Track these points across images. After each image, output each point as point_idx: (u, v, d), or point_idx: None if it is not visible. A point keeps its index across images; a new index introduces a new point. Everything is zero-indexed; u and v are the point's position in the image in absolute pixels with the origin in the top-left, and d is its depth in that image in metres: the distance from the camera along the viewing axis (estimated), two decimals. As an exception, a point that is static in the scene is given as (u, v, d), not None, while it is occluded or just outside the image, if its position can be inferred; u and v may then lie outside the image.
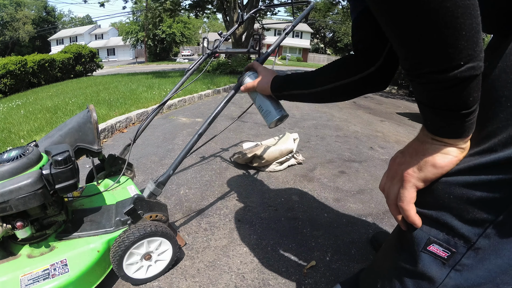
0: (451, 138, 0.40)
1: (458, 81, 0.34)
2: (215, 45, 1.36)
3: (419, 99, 0.40)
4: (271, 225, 1.33)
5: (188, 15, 11.68)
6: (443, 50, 0.32)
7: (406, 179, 0.45)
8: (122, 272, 0.89)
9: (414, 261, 0.48)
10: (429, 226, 0.45)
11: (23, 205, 0.73)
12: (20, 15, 35.96)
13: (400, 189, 0.46)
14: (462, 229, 0.42)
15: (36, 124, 2.75)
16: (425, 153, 0.43)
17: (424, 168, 0.43)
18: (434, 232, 0.45)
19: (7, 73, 7.98)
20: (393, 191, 0.48)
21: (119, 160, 1.26)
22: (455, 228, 0.43)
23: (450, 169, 0.42)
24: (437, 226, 0.44)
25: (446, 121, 0.39)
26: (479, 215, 0.40)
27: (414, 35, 0.33)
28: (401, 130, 3.41)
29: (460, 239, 0.43)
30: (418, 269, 0.47)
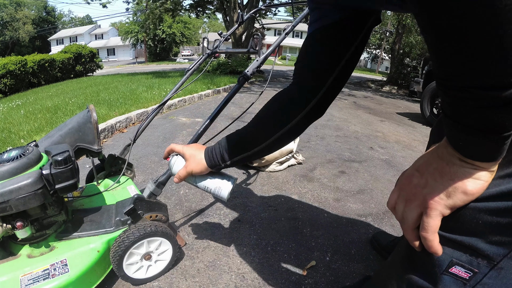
0: (485, 161, 0.36)
1: (510, 101, 0.29)
2: (215, 45, 1.36)
3: (452, 116, 0.35)
4: (271, 225, 1.33)
5: (189, 15, 11.68)
6: (502, 62, 0.27)
7: (431, 206, 0.40)
8: (122, 272, 0.89)
9: (433, 281, 0.45)
10: (452, 248, 0.42)
11: (23, 205, 0.73)
12: (20, 15, 35.96)
13: (423, 217, 0.41)
14: (487, 250, 0.40)
15: (36, 124, 2.75)
16: (454, 177, 0.38)
17: (453, 195, 0.38)
18: (457, 255, 0.41)
19: (7, 73, 7.99)
20: (411, 216, 0.43)
21: (119, 160, 1.26)
22: (479, 250, 0.40)
23: (480, 194, 0.38)
24: (461, 248, 0.41)
25: (484, 143, 0.34)
26: (506, 238, 0.38)
27: (471, 41, 0.28)
28: (401, 130, 3.41)
29: (483, 259, 0.40)
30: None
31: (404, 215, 0.44)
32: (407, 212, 0.44)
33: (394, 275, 0.55)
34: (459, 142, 0.36)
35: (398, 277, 0.52)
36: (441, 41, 0.30)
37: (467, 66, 0.29)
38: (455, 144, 0.37)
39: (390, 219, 1.45)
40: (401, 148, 2.61)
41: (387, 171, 2.05)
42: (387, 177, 1.97)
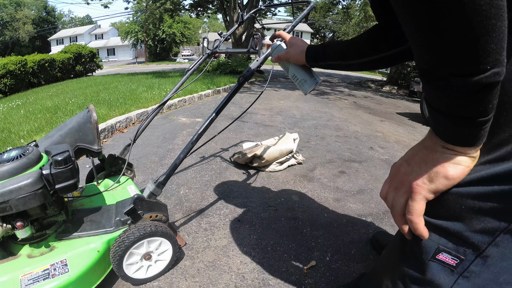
0: (464, 146, 0.38)
1: (481, 87, 0.32)
2: (215, 45, 1.36)
3: (432, 105, 0.38)
4: (271, 225, 1.33)
5: (189, 15, 11.69)
6: (471, 52, 0.30)
7: (415, 191, 0.42)
8: (122, 272, 0.89)
9: (422, 269, 0.47)
10: (439, 235, 0.44)
11: (23, 205, 0.73)
12: (20, 15, 35.97)
13: (408, 201, 0.44)
14: (472, 238, 0.41)
15: (36, 124, 2.75)
16: (436, 163, 0.40)
17: (435, 179, 0.41)
18: (443, 241, 0.44)
19: (7, 73, 7.98)
20: (399, 202, 0.46)
21: (119, 160, 1.26)
22: (465, 237, 0.42)
23: (461, 179, 0.40)
24: (447, 235, 0.43)
25: (462, 128, 0.37)
26: (490, 224, 0.39)
27: (441, 32, 0.31)
28: (401, 130, 3.41)
29: (469, 247, 0.42)
30: (426, 277, 0.47)
31: (393, 202, 0.47)
32: (396, 199, 0.46)
33: (388, 268, 0.56)
34: (439, 128, 0.39)
35: (392, 269, 0.54)
36: (417, 35, 0.33)
37: (440, 56, 0.32)
38: (437, 131, 0.40)
39: (390, 219, 1.45)
40: (401, 148, 2.61)
41: (387, 171, 2.05)
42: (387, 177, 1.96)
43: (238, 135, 2.62)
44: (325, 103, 4.85)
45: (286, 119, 3.41)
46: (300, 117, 3.59)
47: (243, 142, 2.31)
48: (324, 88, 7.34)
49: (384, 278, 0.57)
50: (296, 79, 0.80)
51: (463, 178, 0.41)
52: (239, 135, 2.62)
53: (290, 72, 0.80)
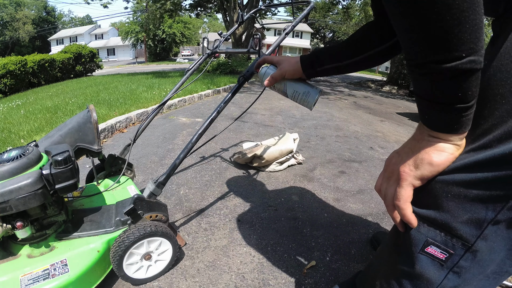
0: (447, 133, 0.40)
1: (458, 73, 0.34)
2: (215, 45, 1.36)
3: (417, 92, 0.41)
4: (271, 225, 1.33)
5: (189, 15, 11.69)
6: (447, 40, 0.33)
7: (402, 178, 0.44)
8: (122, 272, 0.89)
9: (411, 262, 0.48)
10: (427, 227, 0.45)
11: (23, 205, 0.73)
12: (20, 15, 35.97)
13: (396, 188, 0.46)
14: (460, 230, 0.42)
15: (36, 124, 2.75)
16: (421, 150, 0.43)
17: (420, 166, 0.43)
18: (432, 234, 0.45)
19: (7, 73, 7.98)
20: (390, 192, 0.48)
21: (119, 160, 1.26)
22: (453, 229, 0.43)
23: (446, 166, 0.42)
24: (435, 227, 0.44)
25: (443, 114, 0.39)
26: (476, 215, 0.41)
27: (419, 23, 0.34)
28: (401, 130, 3.41)
29: (458, 240, 0.43)
30: (415, 270, 0.48)
31: (385, 192, 0.49)
32: (387, 188, 0.49)
33: (382, 263, 0.57)
34: (425, 116, 0.41)
35: (385, 264, 0.55)
36: (400, 25, 0.37)
37: (420, 45, 0.35)
38: (423, 119, 0.42)
39: (390, 219, 1.45)
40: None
41: (387, 171, 2.05)
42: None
43: (238, 135, 2.62)
44: (325, 103, 4.85)
45: (286, 119, 3.41)
46: (300, 117, 3.59)
47: (243, 142, 2.31)
48: (324, 88, 7.34)
49: (378, 273, 0.58)
50: (298, 94, 0.76)
51: (449, 165, 0.42)
52: (239, 135, 2.62)
53: (289, 90, 0.76)
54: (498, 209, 0.39)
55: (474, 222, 0.41)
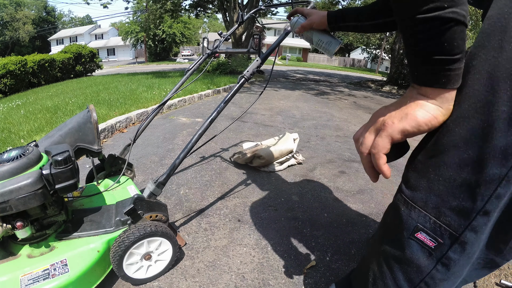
0: (435, 86, 0.41)
1: (442, 22, 0.36)
2: (215, 45, 1.36)
3: (407, 48, 0.42)
4: (271, 225, 1.33)
5: (188, 15, 11.68)
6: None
7: (384, 128, 0.45)
8: (122, 272, 0.89)
9: (402, 247, 0.49)
10: (419, 212, 0.46)
11: (23, 205, 0.73)
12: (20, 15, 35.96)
13: (375, 139, 0.47)
14: (448, 216, 0.43)
15: (36, 124, 2.75)
16: (407, 105, 0.44)
17: (404, 119, 0.43)
18: (422, 220, 0.46)
19: (7, 73, 7.98)
20: (368, 139, 0.49)
21: (119, 160, 1.26)
22: (442, 215, 0.43)
23: (428, 128, 0.43)
24: (426, 210, 0.45)
25: (430, 67, 0.40)
26: (464, 203, 0.41)
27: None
28: (401, 130, 3.40)
29: (446, 229, 0.43)
30: (406, 255, 0.49)
31: (363, 140, 0.50)
32: (366, 136, 0.49)
33: (374, 252, 0.58)
34: (414, 72, 0.42)
35: (377, 252, 0.56)
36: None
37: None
38: (412, 76, 0.43)
39: (390, 219, 1.45)
40: (401, 148, 2.61)
41: (387, 171, 2.05)
42: (387, 177, 1.96)
43: (238, 135, 2.62)
44: (325, 103, 4.85)
45: (286, 119, 3.41)
46: (300, 117, 3.59)
47: (243, 142, 2.31)
48: (324, 88, 7.34)
49: (370, 262, 0.58)
50: (322, 43, 0.87)
51: (430, 128, 0.43)
52: (239, 135, 2.62)
53: (315, 38, 0.88)
54: (486, 198, 0.39)
55: (462, 211, 0.42)
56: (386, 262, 0.53)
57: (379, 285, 0.54)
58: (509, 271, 1.14)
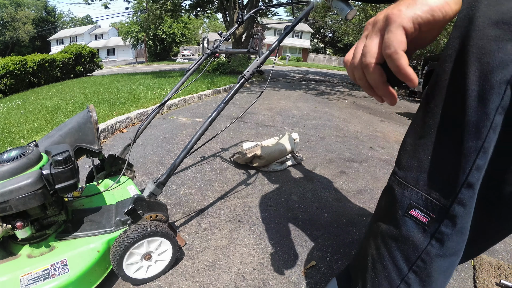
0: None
1: None
2: (215, 45, 1.36)
3: None
4: (271, 225, 1.33)
5: (188, 16, 11.68)
6: None
7: (390, 22, 0.37)
8: (122, 272, 0.89)
9: (398, 225, 0.51)
10: (411, 190, 0.49)
11: (23, 205, 0.73)
12: (20, 15, 35.97)
13: (384, 37, 0.38)
14: (438, 191, 0.46)
15: (36, 124, 2.75)
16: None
17: (411, 5, 0.37)
18: (415, 197, 0.48)
19: (7, 73, 7.98)
20: (373, 43, 0.40)
21: (119, 160, 1.26)
22: (432, 190, 0.46)
23: (442, 17, 0.37)
24: (418, 188, 0.48)
25: None
26: (449, 177, 0.44)
27: None
28: (401, 130, 3.41)
29: (436, 204, 0.46)
30: (402, 233, 0.51)
31: (365, 48, 0.41)
32: (367, 44, 0.41)
33: (372, 237, 0.60)
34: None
35: (375, 236, 0.58)
36: None
37: None
38: None
39: (390, 219, 1.45)
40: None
41: (387, 171, 2.05)
42: (387, 177, 1.96)
43: (238, 135, 2.62)
44: (325, 103, 4.85)
45: (286, 119, 3.41)
46: (300, 117, 3.59)
47: (243, 142, 2.31)
48: (324, 88, 7.34)
49: (369, 247, 0.60)
50: (337, 9, 0.98)
51: (444, 20, 0.37)
52: (239, 135, 2.62)
53: (333, 4, 0.99)
54: (467, 170, 0.42)
55: (448, 185, 0.45)
56: (383, 243, 0.55)
57: (378, 268, 0.56)
58: (509, 271, 1.14)
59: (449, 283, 1.08)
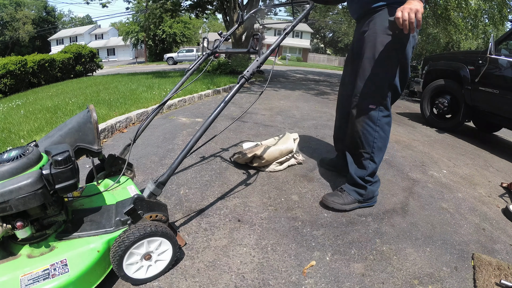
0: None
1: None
2: (215, 45, 1.36)
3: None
4: (271, 225, 1.33)
5: (189, 16, 11.67)
6: None
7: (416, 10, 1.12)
8: (122, 272, 0.89)
9: (368, 115, 1.43)
10: (378, 107, 1.41)
11: (23, 205, 0.73)
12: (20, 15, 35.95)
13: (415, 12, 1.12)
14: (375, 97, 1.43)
15: (36, 124, 2.75)
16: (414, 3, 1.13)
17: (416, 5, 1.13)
18: (371, 101, 1.43)
19: (7, 73, 7.97)
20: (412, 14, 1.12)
21: (119, 160, 1.26)
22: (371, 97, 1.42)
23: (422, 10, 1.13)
24: (378, 105, 1.42)
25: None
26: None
27: None
28: (401, 130, 3.41)
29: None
30: (369, 116, 1.43)
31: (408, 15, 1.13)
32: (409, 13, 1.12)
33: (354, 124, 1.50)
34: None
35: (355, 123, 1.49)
36: None
37: None
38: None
39: (390, 219, 1.45)
40: (401, 148, 2.61)
41: (387, 171, 2.05)
42: (387, 177, 1.96)
43: (238, 135, 2.62)
44: (325, 103, 4.85)
45: (286, 119, 3.41)
46: (300, 117, 3.59)
47: (243, 142, 2.31)
48: (324, 88, 7.34)
49: (356, 126, 1.46)
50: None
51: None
52: (239, 135, 2.62)
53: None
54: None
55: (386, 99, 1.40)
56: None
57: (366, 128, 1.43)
58: (509, 271, 1.14)
59: (449, 283, 1.08)
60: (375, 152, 1.43)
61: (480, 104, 3.27)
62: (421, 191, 1.82)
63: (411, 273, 1.11)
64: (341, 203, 1.46)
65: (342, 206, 1.46)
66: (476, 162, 2.60)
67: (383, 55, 1.33)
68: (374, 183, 1.51)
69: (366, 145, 1.43)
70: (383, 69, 1.35)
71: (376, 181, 1.52)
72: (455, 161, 2.53)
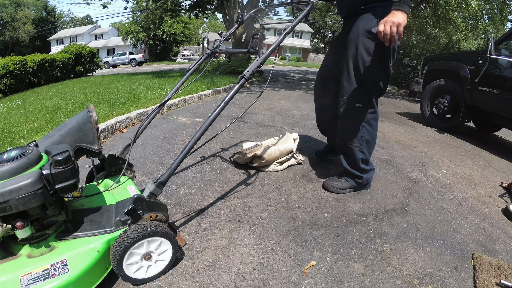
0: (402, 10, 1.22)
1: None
2: (215, 45, 1.36)
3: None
4: (271, 225, 1.33)
5: (189, 16, 11.66)
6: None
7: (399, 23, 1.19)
8: (122, 272, 0.89)
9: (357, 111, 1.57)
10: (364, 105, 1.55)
11: (23, 205, 0.73)
12: (20, 15, 35.96)
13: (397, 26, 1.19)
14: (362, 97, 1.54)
15: (36, 124, 2.75)
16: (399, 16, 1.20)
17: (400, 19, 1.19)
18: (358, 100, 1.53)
19: (7, 73, 7.97)
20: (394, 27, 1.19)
21: (119, 160, 1.26)
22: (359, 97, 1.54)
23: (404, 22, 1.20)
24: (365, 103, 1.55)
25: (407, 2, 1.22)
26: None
27: None
28: (401, 130, 3.41)
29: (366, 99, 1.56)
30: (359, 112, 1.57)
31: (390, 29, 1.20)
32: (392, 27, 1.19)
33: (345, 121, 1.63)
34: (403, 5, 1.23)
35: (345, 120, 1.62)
36: None
37: None
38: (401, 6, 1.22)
39: (390, 219, 1.45)
40: (401, 148, 2.61)
41: (387, 171, 2.05)
42: (387, 177, 1.96)
43: (238, 135, 2.62)
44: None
45: (286, 119, 3.41)
46: (300, 117, 3.59)
47: (243, 142, 2.31)
48: (324, 88, 7.32)
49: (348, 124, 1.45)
50: None
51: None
52: (239, 135, 2.62)
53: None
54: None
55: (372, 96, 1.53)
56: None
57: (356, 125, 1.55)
58: (509, 271, 1.14)
59: (449, 283, 1.08)
60: (363, 145, 1.58)
61: (480, 104, 3.27)
62: (421, 191, 1.82)
63: (411, 273, 1.12)
64: (339, 187, 1.65)
65: (340, 190, 1.65)
66: (476, 162, 2.60)
67: (366, 56, 1.42)
68: (369, 171, 1.67)
69: (356, 139, 1.57)
70: (366, 69, 1.44)
71: (371, 169, 1.67)
72: (455, 161, 2.53)
